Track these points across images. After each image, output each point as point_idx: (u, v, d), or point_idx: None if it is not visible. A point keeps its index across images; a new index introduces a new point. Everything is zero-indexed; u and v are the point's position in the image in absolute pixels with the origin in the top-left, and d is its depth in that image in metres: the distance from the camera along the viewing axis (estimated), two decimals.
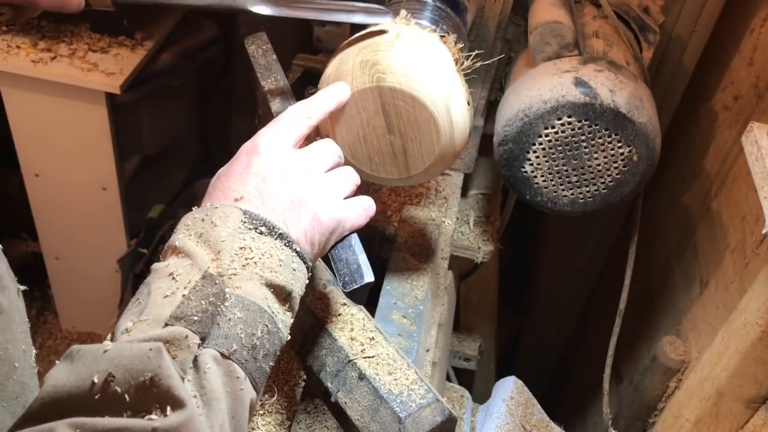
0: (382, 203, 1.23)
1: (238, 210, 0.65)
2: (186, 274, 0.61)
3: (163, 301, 0.59)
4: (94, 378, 0.51)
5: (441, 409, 0.78)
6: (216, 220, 0.64)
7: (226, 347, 0.58)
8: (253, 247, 0.64)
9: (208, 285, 0.60)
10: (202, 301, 0.59)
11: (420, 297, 1.03)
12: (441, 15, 0.98)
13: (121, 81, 1.67)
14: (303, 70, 1.48)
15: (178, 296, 0.59)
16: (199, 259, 0.62)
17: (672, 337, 1.27)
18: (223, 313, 0.60)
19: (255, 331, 0.61)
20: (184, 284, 0.60)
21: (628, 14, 1.29)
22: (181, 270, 0.61)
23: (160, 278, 0.62)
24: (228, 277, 0.61)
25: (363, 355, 0.83)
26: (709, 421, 1.08)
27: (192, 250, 0.63)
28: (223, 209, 0.66)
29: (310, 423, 0.91)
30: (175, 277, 0.61)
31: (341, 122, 0.88)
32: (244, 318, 0.60)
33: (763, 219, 0.86)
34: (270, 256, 0.64)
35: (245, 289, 0.62)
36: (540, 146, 1.09)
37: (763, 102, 1.20)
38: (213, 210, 0.66)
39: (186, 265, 0.62)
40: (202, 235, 0.64)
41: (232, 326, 0.59)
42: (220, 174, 0.72)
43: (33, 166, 1.90)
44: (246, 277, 0.62)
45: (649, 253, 1.57)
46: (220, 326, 0.59)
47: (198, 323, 0.58)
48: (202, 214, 0.66)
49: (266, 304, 0.63)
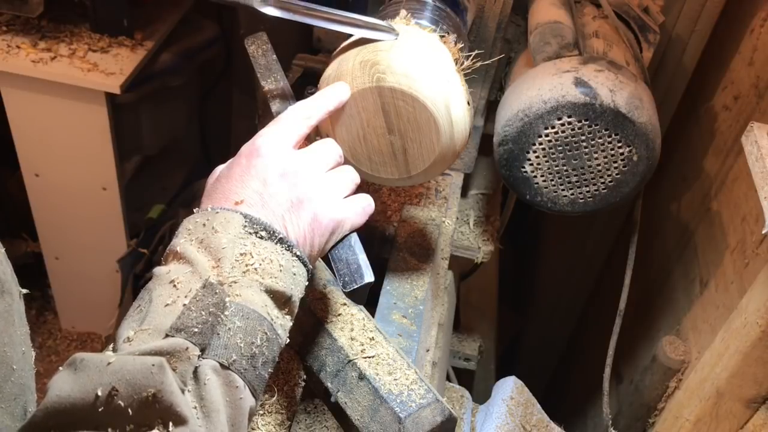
0: (382, 203, 1.23)
1: (239, 215, 0.65)
2: (187, 282, 0.61)
3: (164, 310, 0.59)
4: (98, 391, 0.51)
5: (441, 409, 0.78)
6: (217, 226, 0.64)
7: (226, 357, 0.59)
8: (254, 252, 0.64)
9: (209, 294, 0.60)
10: (203, 312, 0.59)
11: (420, 297, 1.03)
12: (441, 15, 0.98)
13: (121, 81, 1.67)
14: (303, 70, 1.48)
15: (179, 306, 0.59)
16: (199, 267, 0.62)
17: (672, 337, 1.27)
18: (223, 323, 0.60)
19: (254, 340, 0.61)
20: (185, 293, 0.60)
21: (628, 14, 1.29)
22: (182, 277, 0.61)
23: (162, 285, 0.62)
24: (228, 285, 0.62)
25: (363, 355, 0.83)
26: (709, 421, 1.08)
27: (193, 256, 0.63)
28: (224, 214, 0.66)
29: (310, 423, 0.91)
30: (176, 284, 0.61)
31: (341, 122, 0.88)
32: (243, 327, 0.61)
33: (763, 219, 0.86)
34: (270, 261, 0.65)
35: (245, 296, 0.62)
36: (540, 146, 1.09)
37: (763, 102, 1.20)
38: (214, 215, 0.66)
39: (187, 273, 0.62)
40: (203, 241, 0.64)
41: (232, 336, 0.60)
42: (220, 176, 0.72)
43: (33, 166, 1.90)
44: (246, 284, 0.62)
45: (649, 253, 1.57)
46: (220, 336, 0.59)
47: (198, 335, 0.58)
48: (203, 218, 0.66)
49: (266, 311, 0.63)
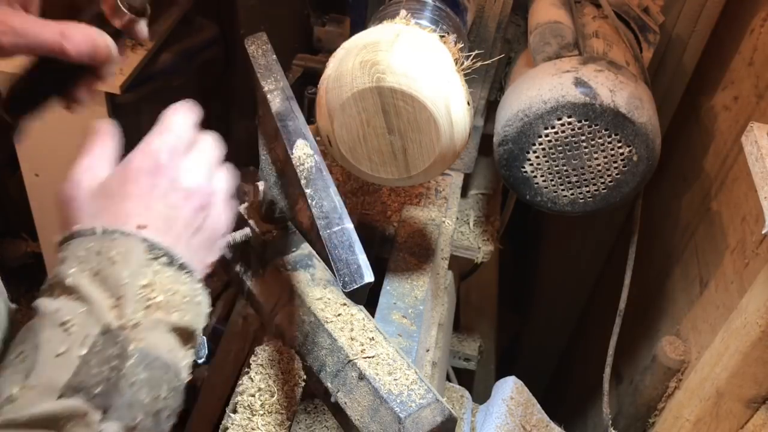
0: (382, 203, 1.23)
1: (140, 241, 0.58)
2: (82, 325, 0.53)
3: (56, 362, 0.51)
4: None
5: (441, 409, 0.78)
6: (116, 256, 0.56)
7: (131, 418, 0.53)
8: (157, 283, 0.57)
9: (109, 343, 0.53)
10: (103, 367, 0.52)
11: (420, 297, 1.03)
12: (441, 15, 0.98)
13: (121, 81, 1.66)
14: (303, 70, 1.48)
15: (74, 357, 0.52)
16: (96, 307, 0.54)
17: (672, 337, 1.27)
18: (126, 377, 0.53)
19: (160, 392, 0.56)
20: (80, 340, 0.52)
21: (628, 14, 1.29)
22: (75, 319, 0.53)
23: (51, 327, 0.53)
24: (130, 329, 0.55)
25: (363, 355, 0.83)
26: (709, 421, 1.08)
27: (88, 293, 0.54)
28: (123, 241, 0.58)
29: (310, 423, 0.91)
30: (68, 328, 0.53)
31: (341, 122, 0.88)
32: (148, 379, 0.55)
33: (763, 219, 0.86)
34: (174, 293, 0.58)
35: (149, 341, 0.56)
36: (540, 146, 1.09)
37: (763, 102, 1.19)
38: (110, 240, 0.57)
39: (81, 314, 0.54)
40: (98, 273, 0.56)
41: (136, 391, 0.54)
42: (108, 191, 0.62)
43: (33, 166, 1.89)
44: (150, 325, 0.56)
45: (649, 253, 1.57)
46: (122, 394, 0.52)
47: (99, 396, 0.51)
48: (97, 244, 0.57)
49: (171, 355, 0.58)
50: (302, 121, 0.84)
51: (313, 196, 0.77)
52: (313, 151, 0.81)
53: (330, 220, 0.76)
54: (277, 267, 0.95)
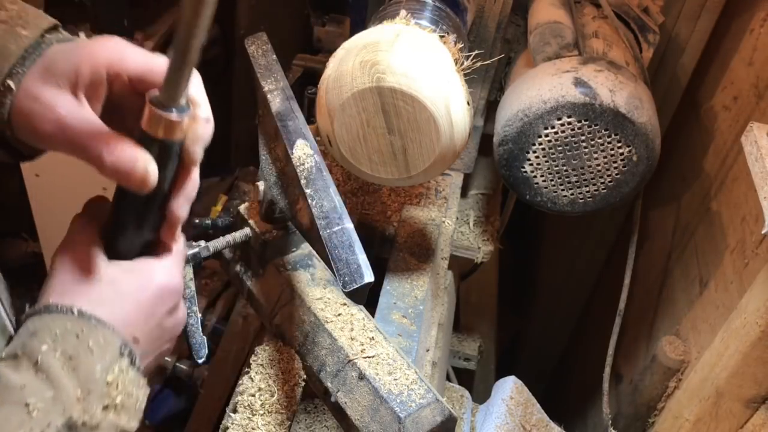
0: (382, 203, 1.23)
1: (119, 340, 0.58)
2: (46, 411, 0.52)
3: None
4: None
5: (441, 409, 0.78)
6: (93, 345, 0.56)
7: None
8: (119, 382, 0.57)
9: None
10: None
11: (420, 297, 1.03)
12: (441, 15, 0.98)
13: None
14: (303, 70, 1.48)
15: None
16: (64, 395, 0.53)
17: (672, 337, 1.27)
18: None
19: None
20: (42, 427, 0.51)
21: (628, 14, 1.29)
22: (40, 403, 0.52)
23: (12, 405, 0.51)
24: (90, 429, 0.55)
25: (363, 355, 0.83)
26: (708, 421, 1.08)
27: (57, 377, 0.53)
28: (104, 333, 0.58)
29: (310, 423, 0.91)
30: (31, 410, 0.51)
31: (341, 122, 0.88)
32: None
33: (763, 219, 0.86)
34: (130, 395, 0.58)
35: None
36: (540, 146, 1.09)
37: (763, 102, 1.20)
38: (92, 327, 0.57)
39: (47, 399, 0.52)
40: (72, 358, 0.55)
41: None
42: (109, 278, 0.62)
43: (33, 166, 1.90)
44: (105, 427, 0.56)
45: (649, 253, 1.57)
46: None
47: None
48: (77, 326, 0.56)
49: None
50: (302, 121, 0.84)
51: (313, 196, 0.77)
52: (313, 151, 0.81)
53: (330, 220, 0.76)
54: (277, 267, 0.95)
